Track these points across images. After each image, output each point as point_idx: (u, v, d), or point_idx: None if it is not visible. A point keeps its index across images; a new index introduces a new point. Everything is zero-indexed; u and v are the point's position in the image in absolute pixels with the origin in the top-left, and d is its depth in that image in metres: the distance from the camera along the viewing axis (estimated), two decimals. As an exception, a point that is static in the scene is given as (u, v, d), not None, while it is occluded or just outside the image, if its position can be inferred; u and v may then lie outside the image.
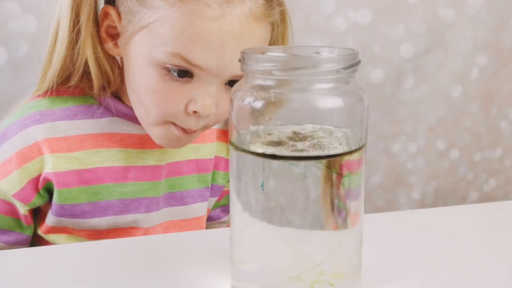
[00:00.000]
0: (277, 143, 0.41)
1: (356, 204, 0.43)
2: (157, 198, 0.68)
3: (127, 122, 0.67)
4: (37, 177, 0.64)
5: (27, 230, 0.67)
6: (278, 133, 0.42)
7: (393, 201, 1.21)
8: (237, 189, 0.43)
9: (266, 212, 0.41)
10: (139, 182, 0.67)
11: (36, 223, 0.68)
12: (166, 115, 0.61)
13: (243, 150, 0.41)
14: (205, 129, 0.66)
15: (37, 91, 0.66)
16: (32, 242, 0.69)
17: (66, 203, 0.64)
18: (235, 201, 0.43)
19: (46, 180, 0.64)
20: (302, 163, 0.40)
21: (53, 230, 0.67)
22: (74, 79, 0.64)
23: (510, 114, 1.23)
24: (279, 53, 0.45)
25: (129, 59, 0.62)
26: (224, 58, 0.57)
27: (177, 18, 0.57)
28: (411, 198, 1.22)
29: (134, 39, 0.60)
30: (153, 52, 0.58)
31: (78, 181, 0.64)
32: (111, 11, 0.62)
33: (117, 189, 0.66)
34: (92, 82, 0.65)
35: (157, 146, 0.68)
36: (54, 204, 0.65)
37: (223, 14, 0.56)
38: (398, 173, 1.19)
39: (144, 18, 0.58)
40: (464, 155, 1.22)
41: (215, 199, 0.77)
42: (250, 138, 0.42)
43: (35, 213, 0.68)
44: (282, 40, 0.66)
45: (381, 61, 1.09)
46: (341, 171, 0.41)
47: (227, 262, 0.46)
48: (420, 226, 0.60)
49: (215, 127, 0.74)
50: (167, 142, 0.64)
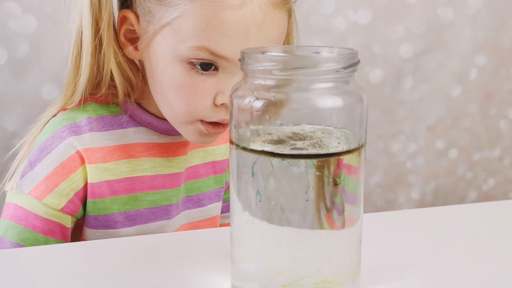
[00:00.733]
0: (277, 142, 0.41)
1: (356, 204, 0.44)
2: (177, 204, 0.70)
3: (151, 131, 0.67)
4: (82, 188, 0.64)
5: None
6: (278, 133, 0.42)
7: (393, 201, 1.21)
8: (237, 188, 0.43)
9: (266, 211, 0.42)
10: (164, 190, 0.68)
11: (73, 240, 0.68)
12: (195, 112, 0.61)
13: (243, 149, 0.42)
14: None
15: (66, 104, 0.66)
16: None
17: (100, 214, 0.65)
18: (235, 200, 0.43)
19: (86, 191, 0.64)
20: (302, 162, 0.40)
21: None
22: (104, 87, 0.65)
23: (509, 114, 1.23)
24: (279, 53, 0.45)
25: (152, 60, 0.62)
26: (249, 46, 0.57)
27: (199, 11, 0.57)
28: (411, 198, 1.22)
29: (156, 39, 0.61)
30: (178, 48, 0.59)
31: (110, 192, 0.65)
32: (129, 15, 0.62)
33: (146, 198, 0.67)
34: (117, 89, 0.65)
35: (179, 154, 0.69)
36: (88, 216, 0.65)
37: (244, 3, 0.57)
38: (398, 173, 1.20)
39: (165, 17, 0.59)
40: (463, 155, 1.23)
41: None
42: (250, 137, 0.42)
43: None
44: (293, 30, 0.67)
45: (381, 61, 1.09)
46: (341, 170, 0.42)
47: (227, 261, 0.47)
48: (419, 226, 0.60)
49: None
50: (199, 139, 0.65)
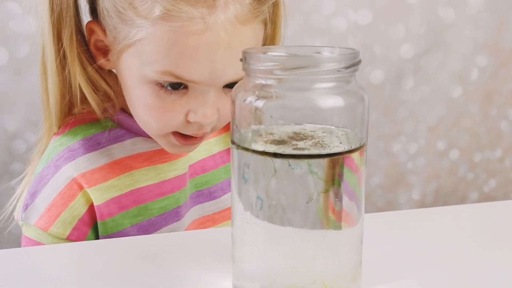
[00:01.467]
0: (279, 142, 0.41)
1: (357, 203, 0.44)
2: (186, 203, 0.69)
3: (149, 139, 0.66)
4: (86, 213, 0.63)
5: None
6: (280, 132, 0.42)
7: (393, 201, 1.21)
8: (239, 188, 0.43)
9: (267, 211, 0.42)
10: (173, 194, 0.67)
11: None
12: (167, 128, 0.60)
13: (244, 149, 0.42)
14: (214, 131, 0.65)
15: (50, 129, 0.65)
16: None
17: (112, 232, 0.64)
18: (237, 200, 0.43)
19: (92, 215, 0.63)
20: (303, 162, 0.40)
21: None
22: (77, 107, 0.63)
23: (510, 115, 1.23)
24: (281, 53, 0.45)
25: (122, 76, 0.61)
26: (216, 69, 0.56)
27: (161, 37, 0.55)
28: (411, 198, 1.22)
29: (123, 57, 0.59)
30: (143, 71, 0.57)
31: (118, 208, 0.64)
32: (95, 28, 0.60)
33: (156, 206, 0.66)
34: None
35: (182, 155, 0.68)
36: (102, 238, 0.64)
37: (207, 26, 0.54)
38: (398, 173, 1.20)
39: (129, 37, 0.56)
40: (464, 156, 1.23)
41: None
42: (252, 137, 0.42)
43: None
44: (273, 37, 0.64)
45: (381, 62, 1.09)
46: (342, 170, 0.42)
47: (229, 261, 0.47)
48: (420, 226, 0.60)
49: None
50: (176, 150, 0.64)
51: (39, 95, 0.65)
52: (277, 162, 0.40)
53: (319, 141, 0.41)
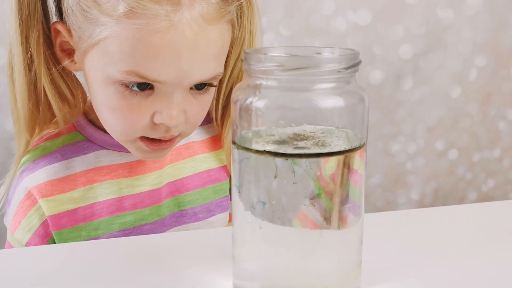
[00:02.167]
0: (280, 142, 0.42)
1: (357, 203, 0.44)
2: (161, 221, 0.67)
3: (114, 152, 0.66)
4: (41, 225, 0.64)
5: None
6: (280, 133, 0.42)
7: (392, 201, 1.21)
8: (239, 188, 0.43)
9: (268, 211, 0.42)
10: (137, 210, 0.66)
11: None
12: (133, 131, 0.59)
13: (245, 149, 0.42)
14: (184, 137, 0.63)
15: (20, 134, 0.65)
16: None
17: (69, 243, 0.64)
18: (237, 200, 0.44)
19: (47, 227, 0.64)
20: (304, 162, 0.40)
21: None
22: (41, 112, 0.62)
23: (509, 115, 1.23)
24: (281, 53, 0.45)
25: (87, 77, 0.60)
26: (182, 68, 0.55)
27: (126, 35, 0.54)
28: (410, 198, 1.22)
29: (88, 57, 0.58)
30: (107, 71, 0.56)
31: (76, 220, 0.64)
32: (60, 28, 0.59)
33: (116, 221, 0.65)
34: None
35: (151, 170, 0.66)
36: None
37: (172, 24, 0.53)
38: (397, 174, 1.20)
39: (93, 36, 0.55)
40: (463, 156, 1.23)
41: None
42: (252, 138, 0.42)
43: None
44: (250, 35, 0.63)
45: (381, 62, 1.09)
46: (342, 170, 0.42)
47: (229, 260, 0.47)
48: (419, 226, 0.60)
49: (217, 133, 0.72)
50: (146, 156, 0.63)
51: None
52: (278, 162, 0.41)
53: (320, 141, 0.41)
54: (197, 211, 0.69)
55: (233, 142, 0.43)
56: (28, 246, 0.64)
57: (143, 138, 0.60)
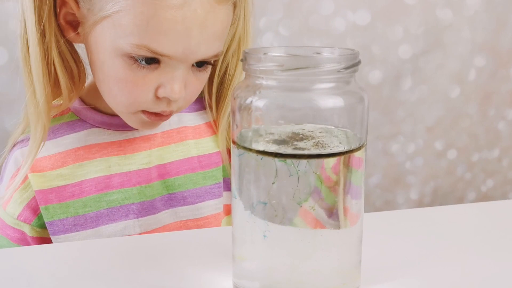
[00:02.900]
0: (279, 142, 0.42)
1: (357, 203, 0.44)
2: (151, 202, 0.67)
3: (104, 131, 0.67)
4: (33, 198, 0.65)
5: None
6: (280, 132, 0.42)
7: (392, 201, 1.22)
8: (239, 188, 0.43)
9: (267, 210, 0.42)
10: (124, 189, 0.66)
11: None
12: (136, 104, 0.61)
13: (245, 148, 0.42)
14: (179, 111, 0.65)
15: (42, 130, 0.64)
16: None
17: (55, 219, 0.65)
18: (237, 199, 0.44)
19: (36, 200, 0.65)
20: (303, 162, 0.41)
21: None
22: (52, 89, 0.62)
23: (508, 115, 1.23)
24: (281, 53, 0.46)
25: (92, 49, 0.61)
26: (191, 45, 0.57)
27: (140, 9, 0.55)
28: (409, 198, 1.23)
29: (96, 29, 0.59)
30: (118, 43, 0.57)
31: (64, 196, 0.65)
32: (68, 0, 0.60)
33: (104, 199, 0.66)
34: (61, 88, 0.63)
35: (140, 149, 0.67)
36: (47, 223, 0.65)
37: (186, 2, 0.55)
38: (397, 173, 1.20)
39: (106, 9, 0.57)
40: (462, 156, 1.23)
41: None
42: (252, 137, 0.42)
43: None
44: (243, 17, 0.66)
45: (380, 62, 1.09)
46: (342, 170, 0.42)
47: (229, 260, 0.47)
48: (419, 226, 0.60)
49: (209, 120, 0.73)
50: (143, 127, 0.65)
51: (22, 74, 0.63)
52: (278, 162, 0.41)
53: (319, 141, 0.42)
54: (186, 196, 0.69)
55: (233, 141, 0.43)
56: (20, 219, 0.65)
57: (144, 112, 0.62)
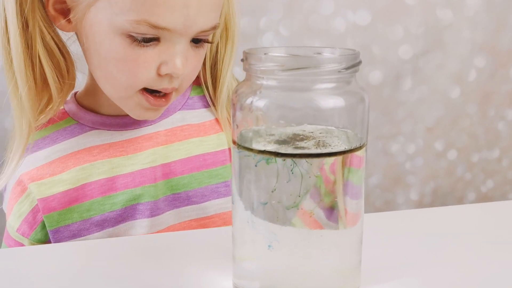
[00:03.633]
0: (280, 142, 0.42)
1: (357, 203, 0.44)
2: (155, 203, 0.66)
3: (105, 132, 0.66)
4: (31, 212, 0.64)
5: None
6: (280, 133, 0.42)
7: (391, 201, 1.22)
8: (239, 188, 0.43)
9: (268, 211, 0.42)
10: (128, 190, 0.65)
11: None
12: (138, 82, 0.60)
13: (245, 148, 0.42)
14: (179, 93, 0.64)
15: (27, 129, 0.64)
16: None
17: (59, 226, 0.64)
18: (237, 199, 0.44)
19: (38, 211, 0.64)
20: (304, 162, 0.41)
21: None
22: (40, 88, 0.61)
23: (508, 115, 1.23)
24: (281, 53, 0.46)
25: (88, 33, 0.60)
26: (190, 16, 0.57)
27: None
28: (409, 199, 1.23)
29: (91, 11, 0.58)
30: (116, 22, 0.56)
31: (67, 202, 0.64)
32: None
33: (108, 201, 0.65)
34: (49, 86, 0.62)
35: (141, 149, 0.66)
36: (50, 232, 0.64)
37: None
38: (397, 174, 1.20)
39: None
40: (462, 156, 1.23)
41: None
42: (253, 137, 0.42)
43: None
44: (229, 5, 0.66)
45: (380, 62, 1.09)
46: (343, 170, 0.42)
47: (229, 260, 0.47)
48: (418, 226, 0.60)
49: (214, 118, 0.72)
50: (142, 114, 0.63)
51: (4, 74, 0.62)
52: (278, 162, 0.41)
53: (320, 141, 0.42)
54: (191, 195, 0.67)
55: (233, 142, 0.43)
56: (19, 232, 0.65)
57: (144, 92, 0.61)
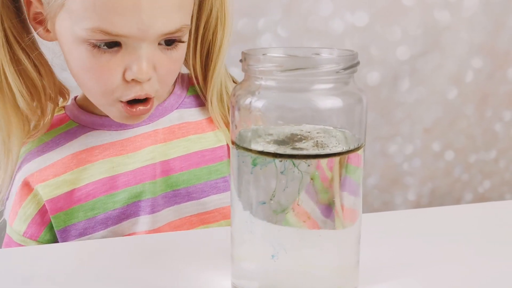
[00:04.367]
0: (278, 142, 0.42)
1: (355, 203, 0.44)
2: (155, 199, 0.67)
3: (104, 132, 0.67)
4: (38, 213, 0.65)
5: None
6: (279, 133, 0.43)
7: (389, 202, 1.22)
8: (238, 188, 0.43)
9: (266, 211, 0.42)
10: (129, 188, 0.66)
11: None
12: (109, 92, 0.60)
13: (244, 149, 0.42)
14: (159, 99, 0.64)
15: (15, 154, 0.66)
16: None
17: (66, 225, 0.65)
18: (236, 200, 0.44)
19: (46, 212, 0.65)
20: (302, 162, 0.41)
21: None
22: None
23: (505, 116, 1.24)
24: (280, 54, 0.46)
25: (60, 43, 0.61)
26: (143, 20, 0.56)
27: None
28: (407, 199, 1.23)
29: (57, 21, 0.59)
30: (75, 31, 0.57)
31: (72, 201, 0.65)
32: None
33: (110, 200, 0.66)
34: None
35: (140, 148, 0.67)
36: (57, 232, 0.65)
37: None
38: (394, 174, 1.20)
39: None
40: (459, 157, 1.23)
41: None
42: (251, 137, 0.42)
43: None
44: (223, 5, 0.65)
45: (378, 63, 1.10)
46: (341, 170, 0.42)
47: (228, 260, 0.47)
48: (416, 226, 0.60)
49: (210, 116, 0.72)
50: (125, 120, 0.64)
51: None
52: (276, 162, 0.41)
53: (318, 142, 0.42)
54: (190, 191, 0.68)
55: (232, 142, 0.44)
56: (26, 236, 0.65)
57: (122, 103, 0.61)
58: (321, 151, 0.41)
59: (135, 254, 0.53)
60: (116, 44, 0.58)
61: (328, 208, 0.43)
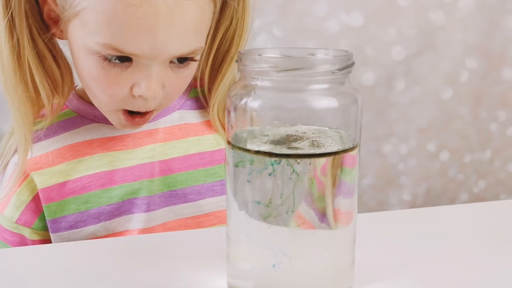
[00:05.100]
0: (274, 142, 0.42)
1: (350, 203, 0.44)
2: (151, 198, 0.67)
3: (105, 126, 0.66)
4: (32, 200, 0.64)
5: None
6: (274, 133, 0.43)
7: (384, 202, 1.22)
8: (234, 188, 0.44)
9: (262, 211, 0.42)
10: (126, 184, 0.66)
11: None
12: (114, 101, 0.60)
13: (240, 149, 0.42)
14: (161, 109, 0.65)
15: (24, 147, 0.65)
16: None
17: (57, 216, 0.64)
18: (232, 200, 0.44)
19: (38, 202, 0.64)
20: (298, 162, 0.41)
21: None
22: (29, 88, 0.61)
23: (500, 117, 1.24)
24: (276, 54, 0.46)
25: (71, 47, 0.61)
26: (157, 42, 0.56)
27: (102, 7, 0.54)
28: (402, 199, 1.23)
29: (70, 27, 0.59)
30: (86, 42, 0.57)
31: (65, 193, 0.64)
32: None
33: (106, 195, 0.65)
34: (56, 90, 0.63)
35: (140, 145, 0.67)
36: (48, 221, 0.65)
37: None
38: (389, 174, 1.20)
39: (73, 5, 0.57)
40: (454, 157, 1.23)
41: None
42: (247, 138, 0.43)
43: None
44: (243, 20, 0.65)
45: (373, 64, 1.10)
46: (336, 170, 0.42)
47: (224, 260, 0.47)
48: (411, 226, 0.60)
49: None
50: (123, 127, 0.65)
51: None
52: (272, 162, 0.41)
53: (314, 141, 0.42)
54: (187, 193, 0.68)
55: (228, 142, 0.44)
56: (19, 223, 0.65)
57: (124, 111, 0.62)
58: (317, 151, 0.41)
59: (131, 254, 0.53)
60: (127, 59, 0.57)
61: (323, 208, 0.43)
